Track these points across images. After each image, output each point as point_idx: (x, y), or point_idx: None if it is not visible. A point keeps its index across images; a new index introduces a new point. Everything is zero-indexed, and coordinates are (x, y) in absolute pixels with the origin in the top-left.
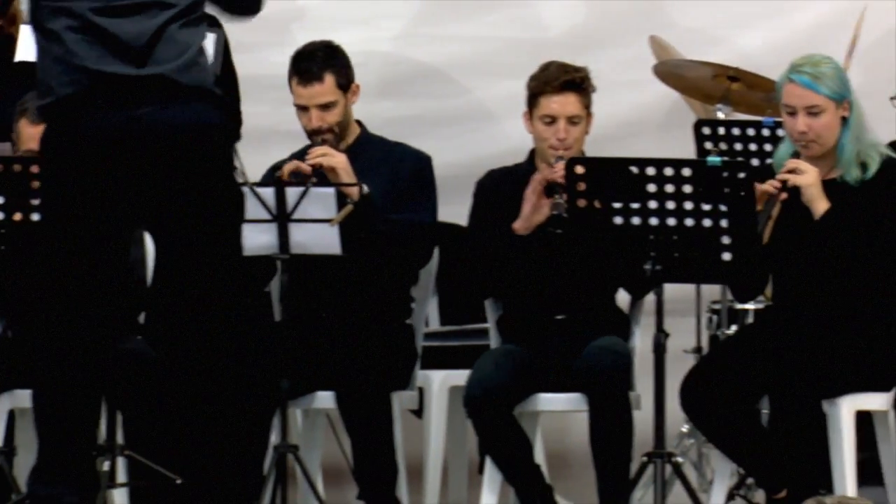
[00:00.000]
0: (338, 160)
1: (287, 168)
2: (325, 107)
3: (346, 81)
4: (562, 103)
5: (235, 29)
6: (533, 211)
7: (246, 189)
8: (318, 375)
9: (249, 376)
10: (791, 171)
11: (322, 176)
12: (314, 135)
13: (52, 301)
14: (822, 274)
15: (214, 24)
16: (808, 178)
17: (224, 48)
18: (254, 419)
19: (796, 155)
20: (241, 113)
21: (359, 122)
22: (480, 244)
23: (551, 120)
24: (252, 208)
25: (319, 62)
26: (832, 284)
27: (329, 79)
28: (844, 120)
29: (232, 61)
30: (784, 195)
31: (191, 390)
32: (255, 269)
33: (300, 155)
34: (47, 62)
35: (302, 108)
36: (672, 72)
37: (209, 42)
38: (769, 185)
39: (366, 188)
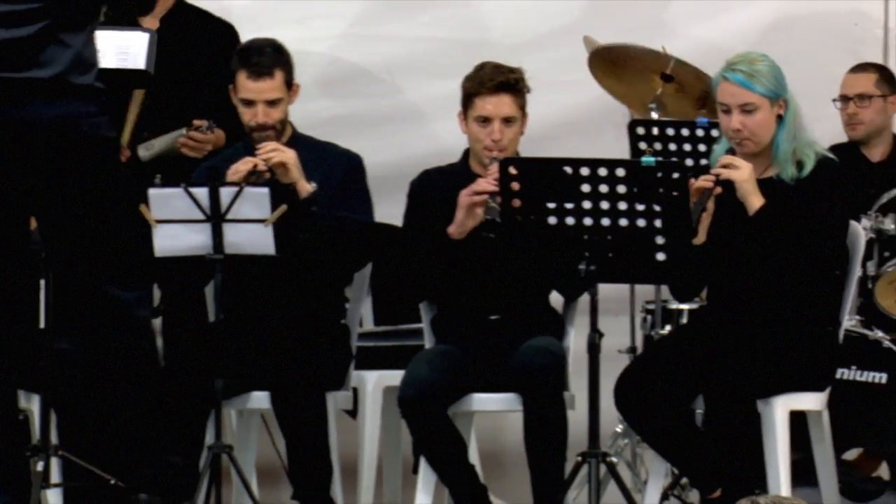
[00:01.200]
0: (288, 156)
1: (243, 167)
2: (272, 103)
3: (290, 80)
4: (496, 104)
5: None
6: (466, 216)
7: (180, 189)
8: (252, 375)
9: (184, 376)
10: (726, 167)
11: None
12: (258, 131)
13: None
14: (757, 273)
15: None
16: (742, 173)
17: (221, 48)
18: (188, 419)
19: (732, 153)
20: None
21: (290, 123)
22: (415, 245)
23: (486, 121)
24: (186, 208)
25: (270, 58)
26: (766, 283)
27: (279, 75)
28: (780, 118)
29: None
30: (718, 189)
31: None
32: (189, 269)
33: (241, 151)
34: None
35: (248, 103)
36: (605, 71)
37: (143, 41)
38: (703, 180)
39: (314, 185)
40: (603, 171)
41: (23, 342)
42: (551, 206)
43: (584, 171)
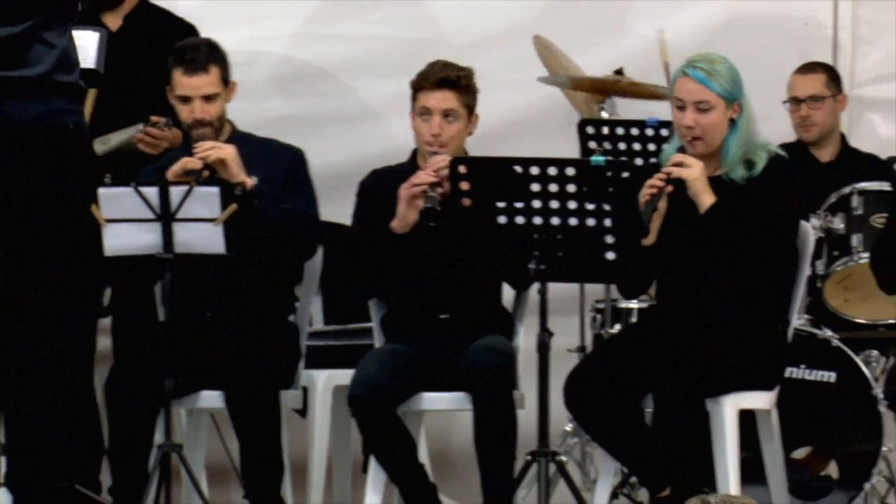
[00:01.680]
0: (227, 152)
1: (178, 167)
2: (209, 98)
3: (227, 76)
4: (437, 98)
5: None
6: (407, 209)
7: (130, 188)
8: (202, 375)
9: (133, 375)
10: (677, 165)
11: (211, 169)
12: (195, 127)
13: None
14: (707, 271)
15: (99, 24)
16: (693, 171)
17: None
18: (137, 418)
19: (683, 151)
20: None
21: (228, 121)
22: (364, 244)
23: (427, 114)
24: (136, 208)
25: (205, 54)
26: (716, 282)
27: (214, 70)
28: (733, 122)
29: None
30: (669, 188)
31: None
32: (139, 268)
33: (183, 150)
34: None
35: (184, 100)
36: (556, 70)
37: (93, 41)
38: (655, 178)
39: (255, 179)
40: (553, 171)
41: None
42: (501, 205)
43: (534, 171)
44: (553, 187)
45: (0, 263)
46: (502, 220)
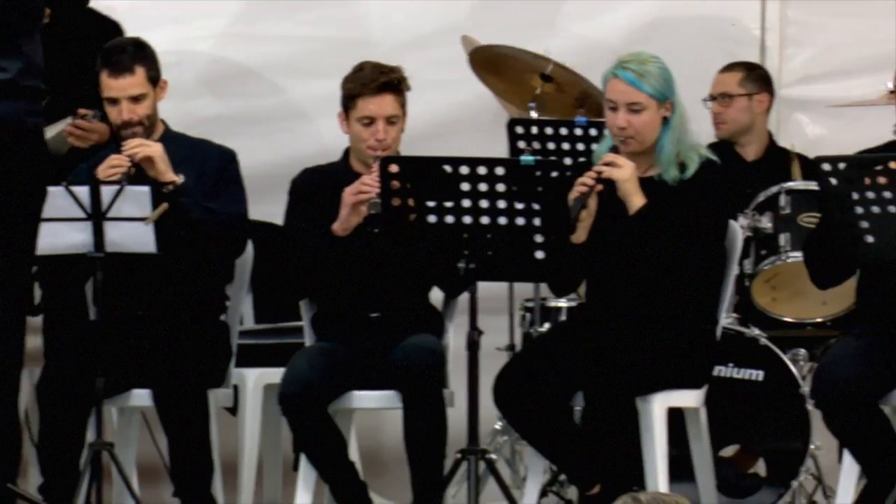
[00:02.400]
0: (154, 149)
1: (105, 165)
2: (136, 99)
3: (155, 76)
4: (379, 104)
5: None
6: (350, 214)
7: (61, 188)
8: (133, 373)
9: (64, 374)
10: (608, 165)
11: (139, 167)
12: (124, 128)
13: None
14: (635, 271)
15: None
16: (623, 172)
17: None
18: (69, 417)
19: (615, 151)
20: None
21: (161, 120)
22: (296, 242)
23: (370, 121)
24: (67, 207)
25: (130, 55)
26: (645, 282)
27: (140, 71)
28: (666, 120)
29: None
30: (599, 186)
31: None
32: (69, 267)
33: (114, 151)
34: None
35: (112, 101)
36: (485, 70)
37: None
38: (585, 177)
39: (182, 178)
40: (482, 170)
41: None
42: (431, 204)
43: (464, 170)
44: (483, 186)
45: None
46: (432, 219)
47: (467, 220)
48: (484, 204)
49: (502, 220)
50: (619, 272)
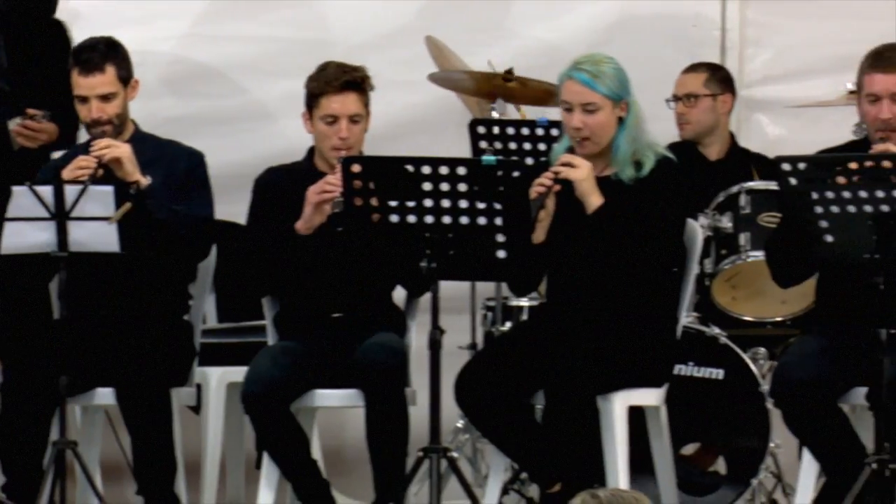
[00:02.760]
0: (122, 150)
1: (73, 166)
2: (106, 98)
3: (126, 75)
4: (343, 103)
5: None
6: (314, 212)
7: (25, 187)
8: (96, 372)
9: (27, 373)
10: (565, 165)
11: (106, 168)
12: (94, 126)
13: None
14: (595, 270)
15: None
16: (580, 172)
17: (57, 44)
18: (32, 416)
19: (572, 151)
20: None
21: (132, 120)
22: (260, 240)
23: (333, 120)
24: (31, 206)
25: (101, 54)
26: (605, 281)
27: (110, 70)
28: (621, 120)
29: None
30: (557, 187)
31: None
32: (34, 266)
33: (83, 150)
34: None
35: (82, 100)
36: (447, 78)
37: None
38: (543, 178)
39: (149, 179)
40: (444, 170)
41: None
42: (393, 204)
43: (426, 170)
44: (444, 186)
45: None
46: (394, 218)
47: (429, 219)
48: (446, 203)
49: (464, 220)
50: (578, 271)
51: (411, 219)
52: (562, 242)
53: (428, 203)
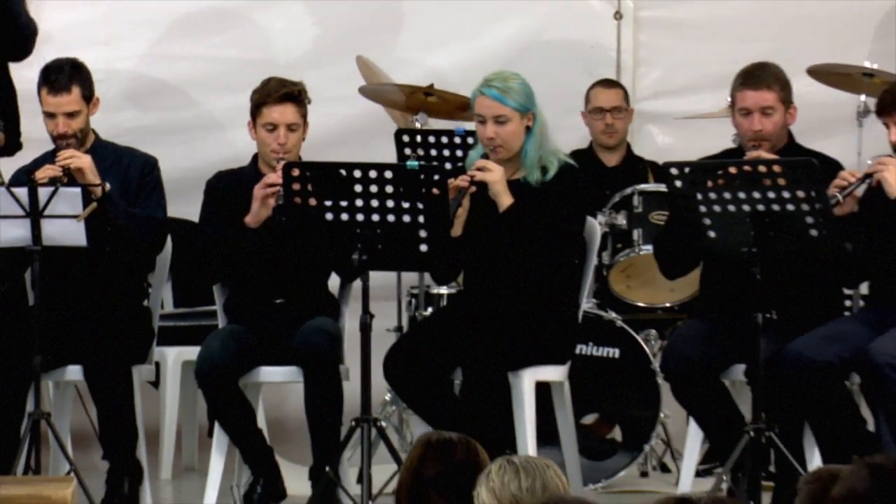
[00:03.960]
0: (84, 161)
1: (41, 173)
2: (71, 115)
3: (89, 94)
4: (282, 112)
5: None
6: (260, 207)
7: (2, 188)
8: (67, 351)
9: (5, 353)
10: (480, 169)
11: (70, 175)
12: (60, 139)
13: None
14: (506, 262)
15: None
16: (493, 175)
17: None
18: (10, 390)
19: (487, 157)
20: (17, 122)
21: (93, 130)
22: (211, 235)
23: (273, 127)
24: (8, 205)
25: (67, 75)
26: (514, 271)
27: (76, 90)
28: (529, 129)
29: (9, 77)
30: (473, 188)
31: None
32: (10, 259)
33: (49, 157)
34: None
35: (49, 116)
36: (376, 92)
37: None
38: (460, 180)
39: (108, 185)
40: (373, 174)
41: None
42: (328, 203)
43: (357, 174)
44: (373, 188)
45: None
46: (329, 216)
47: (360, 217)
48: (374, 203)
49: (391, 218)
50: (492, 263)
51: (344, 217)
52: (477, 237)
53: (359, 203)
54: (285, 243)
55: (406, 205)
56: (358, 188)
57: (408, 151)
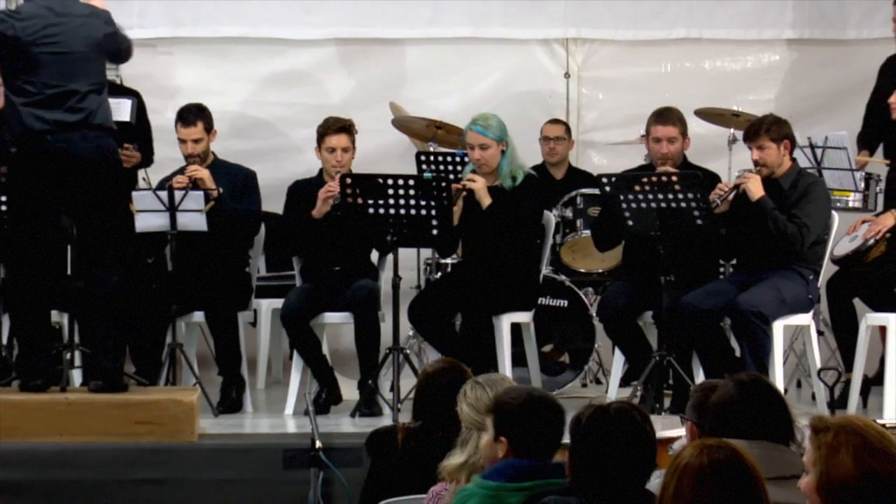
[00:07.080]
0: (204, 173)
1: (176, 181)
2: (196, 141)
3: (209, 126)
4: (338, 140)
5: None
6: (323, 204)
7: (150, 191)
8: (194, 301)
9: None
10: (469, 180)
11: (195, 183)
12: (188, 158)
13: (22, 256)
14: (488, 240)
15: (131, 93)
16: (478, 185)
17: (139, 109)
18: (155, 329)
19: (475, 171)
20: (151, 146)
21: (212, 152)
22: (290, 224)
23: (332, 150)
24: (154, 203)
25: (194, 114)
26: (495, 248)
27: (200, 124)
28: (503, 152)
29: (147, 117)
30: (465, 193)
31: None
32: (156, 240)
33: (181, 171)
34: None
35: (182, 142)
36: (402, 125)
37: (127, 105)
38: (458, 186)
39: (221, 190)
40: (401, 182)
41: (56, 283)
42: (370, 202)
43: (390, 182)
44: (401, 192)
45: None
46: (370, 211)
47: (392, 211)
48: (401, 202)
49: (412, 212)
50: (479, 243)
51: (381, 211)
52: (470, 225)
53: (391, 202)
54: (340, 229)
55: (423, 203)
56: (390, 192)
57: (424, 167)
